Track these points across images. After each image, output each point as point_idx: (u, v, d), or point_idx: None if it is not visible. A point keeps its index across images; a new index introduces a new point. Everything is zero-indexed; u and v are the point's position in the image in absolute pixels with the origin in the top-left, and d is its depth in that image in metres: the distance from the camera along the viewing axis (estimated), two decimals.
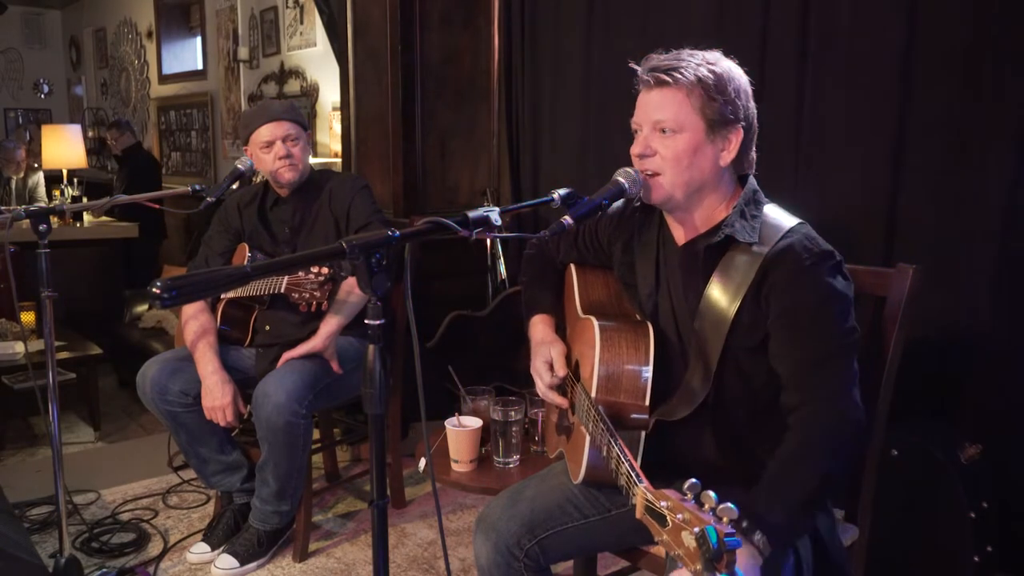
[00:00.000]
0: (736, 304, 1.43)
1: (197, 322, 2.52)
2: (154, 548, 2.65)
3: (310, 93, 4.53)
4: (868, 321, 1.74)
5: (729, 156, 1.46)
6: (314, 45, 4.45)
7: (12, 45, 8.21)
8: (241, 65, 5.17)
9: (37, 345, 3.46)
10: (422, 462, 2.16)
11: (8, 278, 2.88)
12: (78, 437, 3.68)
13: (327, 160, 4.33)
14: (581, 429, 1.58)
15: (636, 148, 1.48)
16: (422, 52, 3.42)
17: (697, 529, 1.02)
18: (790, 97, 2.47)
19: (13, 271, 2.31)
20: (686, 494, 1.08)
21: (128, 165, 5.72)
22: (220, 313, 2.61)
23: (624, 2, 2.99)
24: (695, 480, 1.08)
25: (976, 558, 1.99)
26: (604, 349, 1.52)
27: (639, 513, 1.17)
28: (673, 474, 1.59)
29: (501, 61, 3.55)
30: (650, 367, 1.51)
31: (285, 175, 2.50)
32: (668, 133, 1.44)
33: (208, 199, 2.30)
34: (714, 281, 1.47)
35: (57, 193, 5.43)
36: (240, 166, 2.49)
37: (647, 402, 1.50)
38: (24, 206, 2.21)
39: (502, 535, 1.61)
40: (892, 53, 2.25)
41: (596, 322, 1.56)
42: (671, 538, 1.08)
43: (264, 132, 2.46)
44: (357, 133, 3.67)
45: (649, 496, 1.14)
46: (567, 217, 1.36)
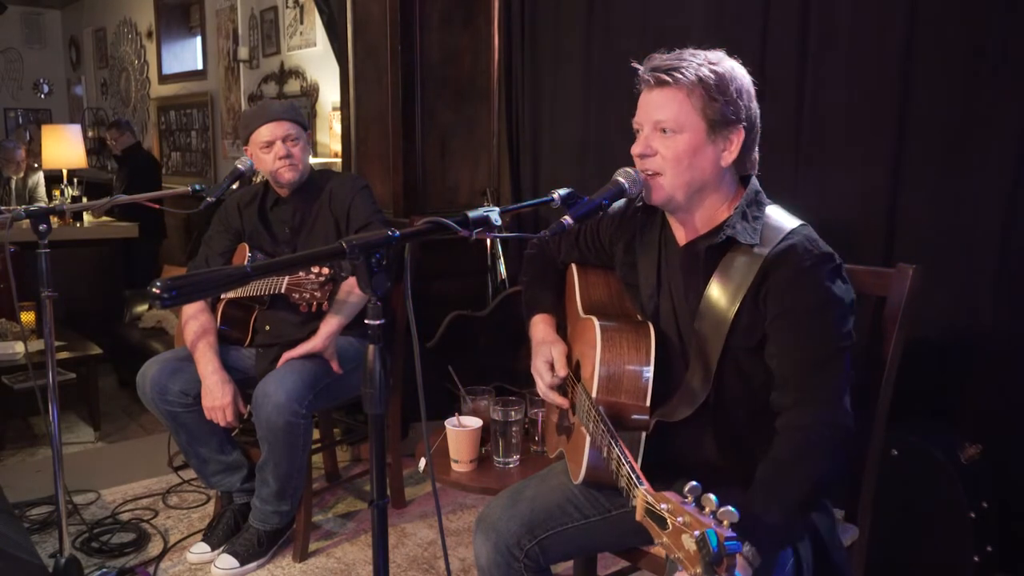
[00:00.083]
0: (736, 305, 1.43)
1: (197, 322, 2.52)
2: (154, 548, 2.65)
3: (310, 93, 4.53)
4: (868, 321, 1.75)
5: (730, 156, 1.45)
6: (314, 45, 4.45)
7: (12, 45, 8.20)
8: (241, 65, 5.17)
9: (37, 345, 3.47)
10: (422, 462, 2.16)
11: (8, 278, 2.87)
12: (78, 437, 3.68)
13: (327, 160, 4.33)
14: (581, 429, 1.58)
15: (636, 148, 1.48)
16: (422, 52, 3.41)
17: (698, 533, 1.02)
18: (790, 97, 2.47)
19: (13, 271, 2.31)
20: (686, 497, 1.08)
21: (128, 165, 5.72)
22: (220, 313, 2.61)
23: (624, 2, 2.99)
24: (696, 483, 1.08)
25: (976, 558, 1.99)
26: (605, 349, 1.52)
27: (639, 515, 1.17)
28: (673, 475, 1.59)
29: (501, 61, 3.55)
30: (651, 368, 1.51)
31: (285, 175, 2.50)
32: (669, 133, 1.43)
33: (208, 199, 2.30)
34: (714, 282, 1.47)
35: (57, 193, 5.43)
36: (240, 166, 2.49)
37: (648, 403, 1.50)
38: (24, 206, 2.21)
39: (502, 535, 1.61)
40: (892, 53, 2.25)
41: (597, 322, 1.55)
42: (671, 541, 1.08)
43: (264, 132, 2.47)
44: (357, 133, 3.67)
45: (649, 498, 1.14)
46: (567, 217, 1.36)
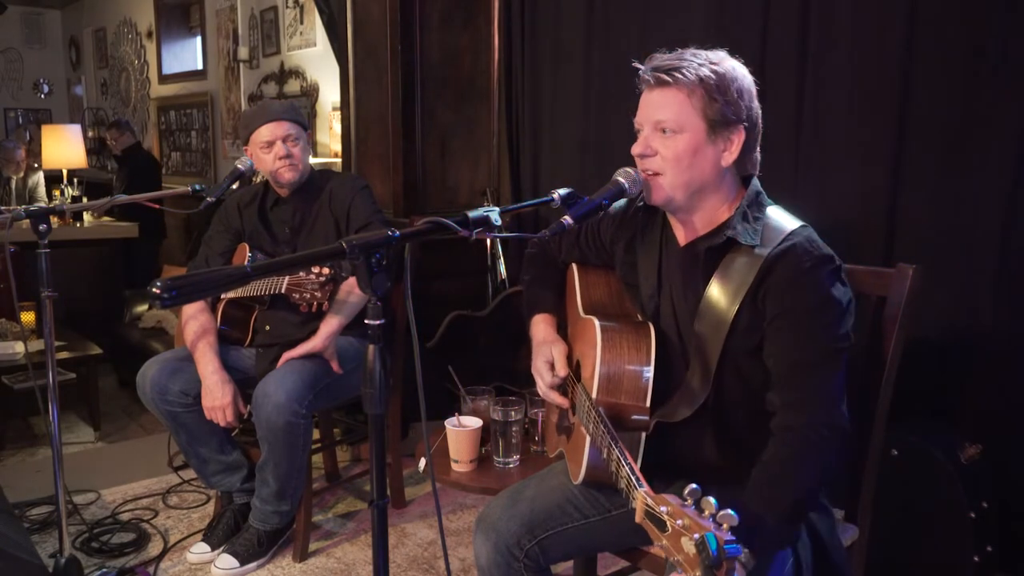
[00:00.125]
0: (735, 306, 1.43)
1: (197, 322, 2.52)
2: (154, 548, 2.65)
3: (310, 93, 4.53)
4: (868, 321, 1.74)
5: (731, 157, 1.45)
6: (314, 45, 4.45)
7: (12, 45, 8.20)
8: (241, 65, 5.17)
9: (37, 345, 3.47)
10: (422, 462, 2.16)
11: (8, 278, 2.87)
12: (78, 437, 3.68)
13: (327, 160, 4.33)
14: (581, 429, 1.58)
15: (637, 148, 1.47)
16: (422, 52, 3.41)
17: (697, 536, 1.02)
18: (790, 97, 2.46)
19: (13, 271, 2.31)
20: (686, 499, 1.08)
21: (128, 165, 5.72)
22: (220, 313, 2.61)
23: (624, 2, 2.99)
24: (695, 486, 1.08)
25: (976, 558, 1.99)
26: (605, 350, 1.51)
27: (639, 517, 1.17)
28: (673, 475, 1.59)
29: (501, 61, 3.55)
30: (651, 368, 1.51)
31: (285, 175, 2.50)
32: (669, 133, 1.43)
33: (208, 199, 2.30)
34: (714, 282, 1.47)
35: (57, 193, 5.43)
36: (240, 166, 2.49)
37: (648, 403, 1.50)
38: (24, 206, 2.21)
39: (502, 535, 1.61)
40: (892, 53, 2.25)
41: (597, 323, 1.55)
42: (671, 543, 1.07)
43: (264, 132, 2.47)
44: (357, 133, 3.67)
45: (649, 501, 1.14)
46: (567, 217, 1.36)
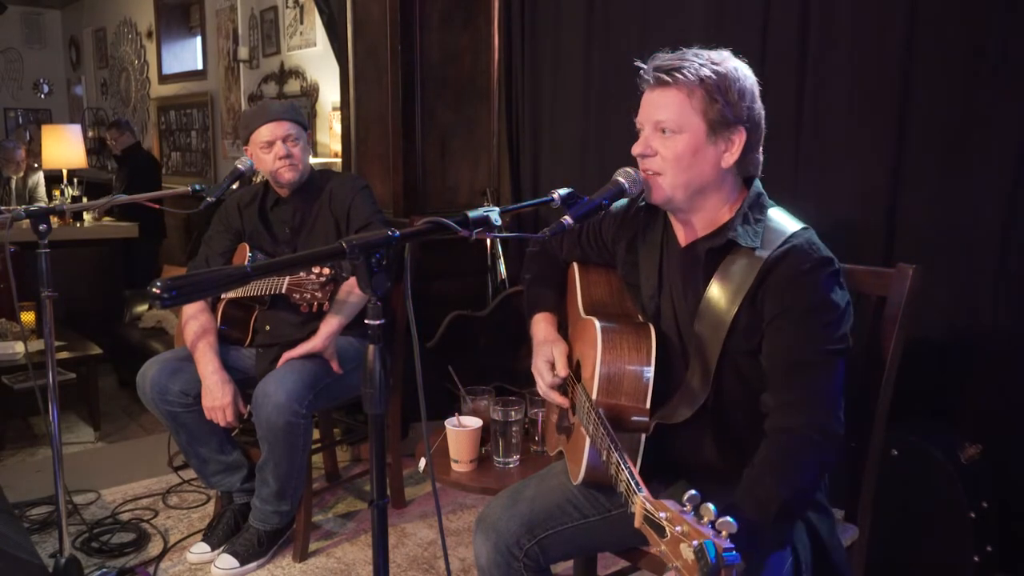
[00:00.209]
0: (735, 307, 1.43)
1: (197, 322, 2.52)
2: (154, 548, 2.65)
3: (310, 93, 4.53)
4: (868, 321, 1.74)
5: (732, 158, 1.44)
6: (314, 45, 4.45)
7: (12, 45, 8.20)
8: (241, 65, 5.17)
9: (37, 345, 3.47)
10: (422, 462, 2.16)
11: (8, 278, 2.87)
12: (78, 437, 3.68)
13: (327, 160, 4.33)
14: (581, 430, 1.58)
15: (637, 148, 1.47)
16: (422, 52, 3.41)
17: (696, 543, 1.02)
18: (790, 97, 2.46)
19: (13, 271, 2.31)
20: (685, 505, 1.08)
21: (128, 165, 5.72)
22: (220, 313, 2.61)
23: (624, 2, 2.99)
24: (695, 492, 1.08)
25: (976, 558, 1.99)
26: (606, 350, 1.51)
27: (638, 522, 1.17)
28: (673, 476, 1.59)
29: (501, 61, 3.55)
30: (651, 369, 1.50)
31: (285, 175, 2.50)
32: (669, 134, 1.43)
33: (208, 199, 2.30)
34: (714, 283, 1.46)
35: (57, 193, 5.44)
36: (240, 166, 2.49)
37: (648, 405, 1.49)
38: (24, 206, 2.21)
39: (502, 535, 1.61)
40: (892, 53, 2.25)
41: (598, 323, 1.55)
42: (669, 549, 1.07)
43: (264, 132, 2.47)
44: (357, 133, 3.67)
45: (648, 506, 1.14)
46: (567, 217, 1.36)
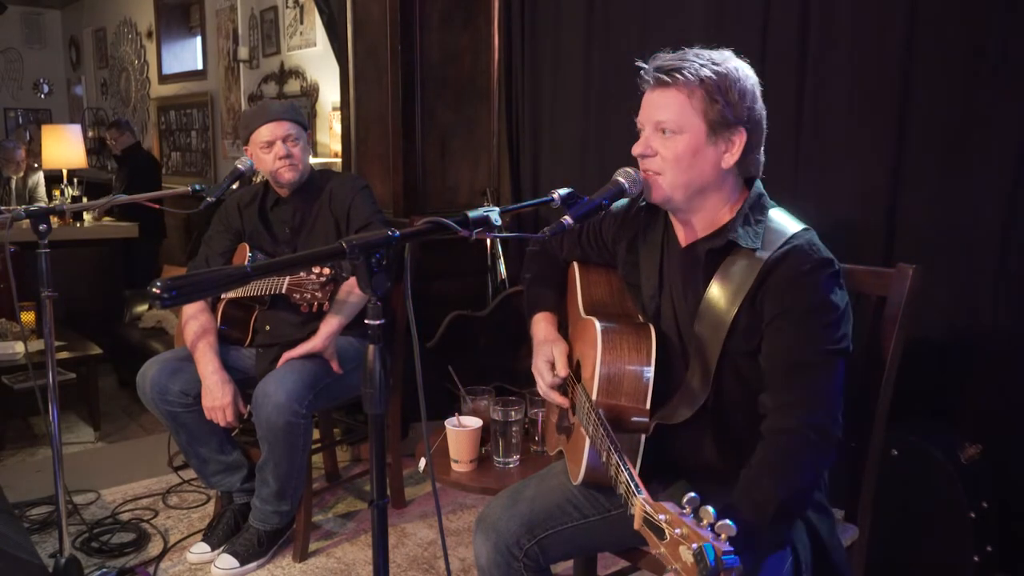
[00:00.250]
0: (735, 308, 1.42)
1: (197, 322, 2.52)
2: (154, 548, 2.65)
3: (310, 93, 4.53)
4: (868, 321, 1.74)
5: (732, 159, 1.44)
6: (314, 45, 4.45)
7: (12, 45, 8.20)
8: (241, 65, 5.17)
9: (37, 345, 3.47)
10: (422, 462, 2.16)
11: (8, 278, 2.87)
12: (78, 437, 3.68)
13: (327, 160, 4.33)
14: (581, 430, 1.58)
15: (637, 148, 1.47)
16: (422, 52, 3.41)
17: (695, 546, 1.02)
18: (790, 97, 2.46)
19: (13, 271, 2.31)
20: (685, 508, 1.08)
21: (128, 165, 5.72)
22: (220, 313, 2.61)
23: (624, 2, 2.99)
24: (694, 494, 1.07)
25: (976, 558, 1.99)
26: (606, 351, 1.51)
27: (637, 524, 1.17)
28: (673, 476, 1.59)
29: (501, 61, 3.55)
30: (651, 370, 1.50)
31: (285, 175, 2.50)
32: (669, 134, 1.42)
33: (208, 199, 2.30)
34: (714, 284, 1.46)
35: (57, 193, 5.44)
36: (240, 166, 2.49)
37: (648, 405, 1.49)
38: (24, 206, 2.21)
39: (502, 535, 1.61)
40: (892, 53, 2.25)
41: (598, 324, 1.55)
42: (668, 552, 1.07)
43: (264, 132, 2.47)
44: (357, 133, 3.67)
45: (648, 508, 1.14)
46: (567, 217, 1.36)
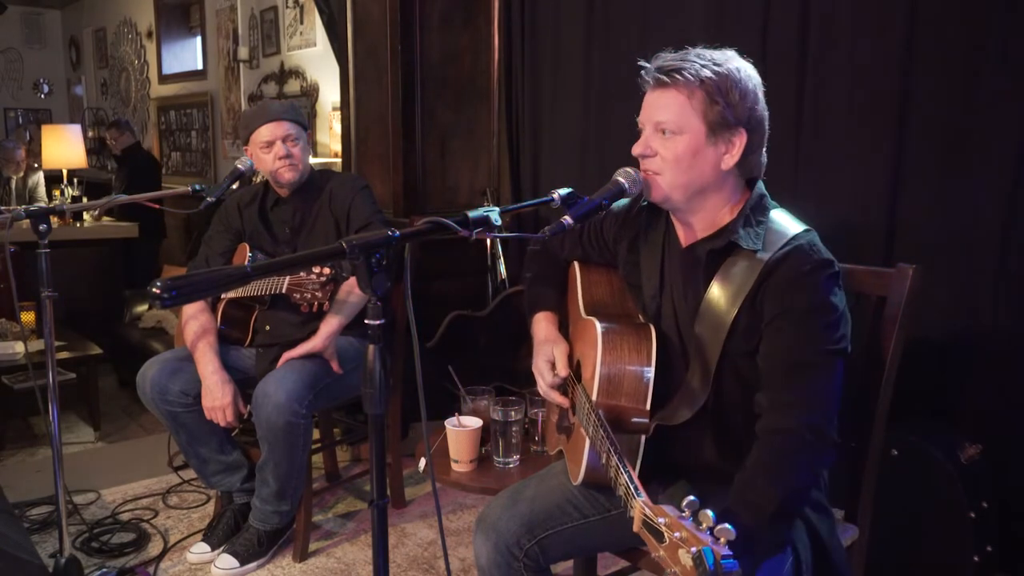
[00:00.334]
0: (735, 309, 1.42)
1: (197, 322, 2.52)
2: (154, 548, 2.65)
3: (310, 93, 4.53)
4: (868, 321, 1.74)
5: (732, 160, 1.43)
6: (314, 45, 4.45)
7: (12, 45, 8.20)
8: (241, 65, 5.17)
9: (37, 345, 3.46)
10: (422, 462, 2.16)
11: (8, 278, 2.87)
12: (78, 437, 3.68)
13: (327, 160, 4.33)
14: (581, 430, 1.58)
15: (637, 148, 1.47)
16: (422, 52, 3.41)
17: (694, 549, 1.02)
18: (790, 97, 2.47)
19: (13, 271, 2.31)
20: (684, 511, 1.08)
21: (128, 165, 5.72)
22: (220, 313, 2.61)
23: (624, 2, 2.99)
24: (694, 498, 1.08)
25: (976, 558, 1.99)
26: (606, 351, 1.51)
27: (636, 527, 1.17)
28: (673, 476, 1.59)
29: (501, 61, 3.55)
30: (652, 370, 1.50)
31: (285, 175, 2.50)
32: (668, 135, 1.42)
33: (208, 199, 2.30)
34: (715, 285, 1.46)
35: (57, 193, 5.43)
36: (240, 166, 2.49)
37: (648, 406, 1.49)
38: (24, 206, 2.21)
39: (502, 535, 1.61)
40: (892, 53, 2.25)
41: (598, 324, 1.55)
42: (668, 555, 1.07)
43: (264, 132, 2.46)
44: (357, 133, 3.67)
45: (647, 511, 1.14)
46: (567, 217, 1.35)
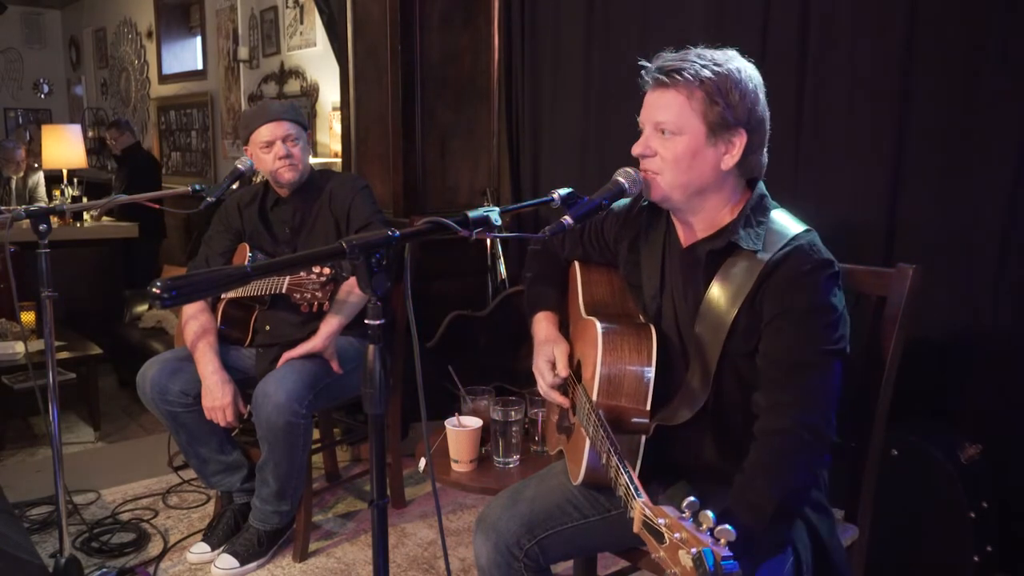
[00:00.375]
0: (735, 310, 1.42)
1: (197, 322, 2.52)
2: (154, 548, 2.65)
3: (310, 93, 4.53)
4: (868, 321, 1.74)
5: (731, 160, 1.43)
6: (314, 45, 4.45)
7: (12, 45, 8.20)
8: (241, 65, 5.17)
9: (37, 345, 3.46)
10: (422, 462, 2.16)
11: (8, 278, 2.88)
12: (78, 437, 3.68)
13: (327, 160, 4.33)
14: (581, 431, 1.58)
15: (637, 148, 1.46)
16: (422, 52, 3.41)
17: (695, 550, 1.02)
18: (790, 97, 2.47)
19: (13, 271, 2.31)
20: (684, 512, 1.08)
21: (128, 165, 5.72)
22: (220, 313, 2.61)
23: (624, 2, 2.99)
24: (694, 499, 1.08)
25: (976, 558, 1.99)
26: (606, 352, 1.51)
27: (636, 527, 1.17)
28: (673, 477, 1.59)
29: (501, 61, 3.55)
30: (652, 371, 1.50)
31: (285, 175, 2.50)
32: (668, 135, 1.42)
33: (208, 199, 2.30)
34: (715, 285, 1.46)
35: (57, 193, 5.43)
36: (240, 166, 2.49)
37: (648, 407, 1.49)
38: (24, 206, 2.21)
39: (502, 535, 1.61)
40: (892, 53, 2.25)
41: (599, 324, 1.55)
42: (668, 556, 1.07)
43: (264, 132, 2.46)
44: (357, 133, 3.67)
45: (647, 512, 1.14)
46: (567, 217, 1.35)
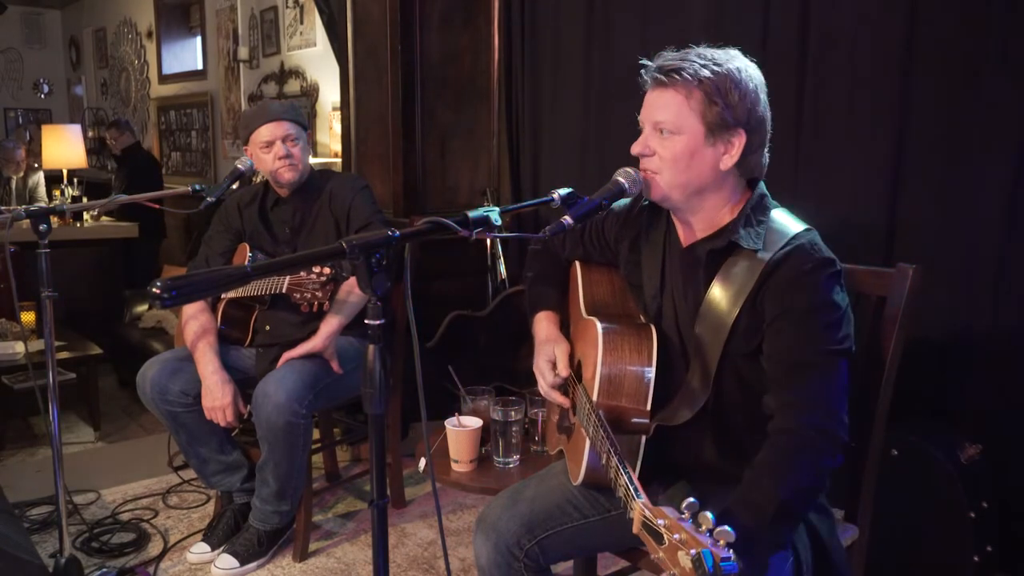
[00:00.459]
0: (736, 310, 1.42)
1: (197, 322, 2.52)
2: (154, 548, 2.65)
3: (310, 93, 4.53)
4: (868, 321, 1.74)
5: (731, 160, 1.43)
6: (314, 45, 4.45)
7: (12, 45, 8.20)
8: (241, 65, 5.17)
9: (37, 345, 3.47)
10: (422, 462, 2.16)
11: (8, 278, 2.88)
12: (78, 437, 3.68)
13: (327, 160, 4.33)
14: (581, 431, 1.58)
15: (636, 147, 1.46)
16: (422, 52, 3.41)
17: (694, 552, 1.02)
18: (790, 97, 2.47)
19: (13, 271, 2.31)
20: (683, 513, 1.08)
21: (128, 165, 5.72)
22: (220, 313, 2.61)
23: (624, 2, 2.99)
24: (693, 499, 1.08)
25: (976, 558, 1.99)
26: (607, 352, 1.51)
27: (636, 528, 1.17)
28: (674, 477, 1.59)
29: (501, 61, 3.55)
30: (652, 371, 1.50)
31: (285, 175, 2.50)
32: (667, 135, 1.42)
33: (208, 199, 2.30)
34: (715, 285, 1.46)
35: (57, 193, 5.43)
36: (240, 166, 2.49)
37: (648, 407, 1.49)
38: (24, 206, 2.21)
39: (502, 535, 1.61)
40: (892, 53, 2.25)
41: (599, 325, 1.55)
42: (667, 557, 1.07)
43: (264, 132, 2.46)
44: (357, 133, 3.67)
45: (647, 513, 1.14)
46: (567, 217, 1.35)
